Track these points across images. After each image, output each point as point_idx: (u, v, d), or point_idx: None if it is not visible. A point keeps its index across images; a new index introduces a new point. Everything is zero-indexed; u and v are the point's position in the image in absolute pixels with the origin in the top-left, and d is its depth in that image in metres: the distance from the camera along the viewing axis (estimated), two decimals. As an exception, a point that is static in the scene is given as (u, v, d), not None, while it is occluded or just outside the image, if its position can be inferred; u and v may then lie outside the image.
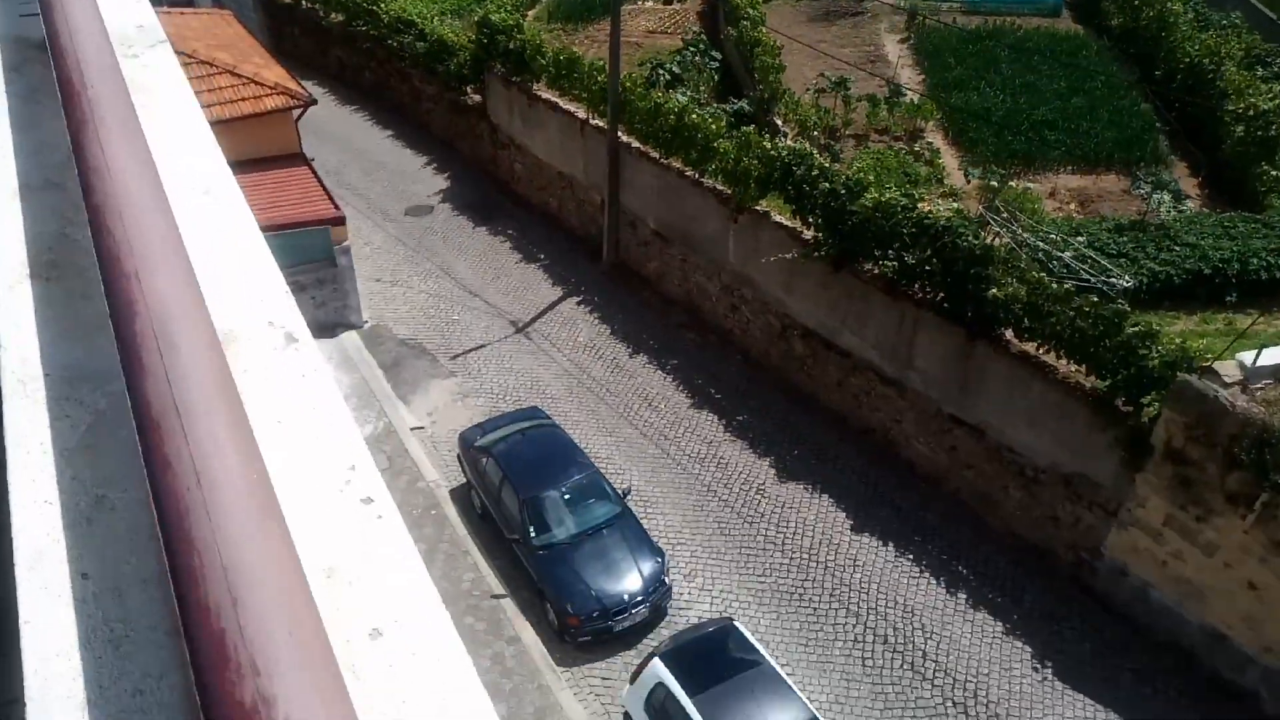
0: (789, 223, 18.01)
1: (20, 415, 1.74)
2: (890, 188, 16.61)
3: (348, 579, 1.47)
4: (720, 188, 18.89)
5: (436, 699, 1.33)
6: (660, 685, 12.51)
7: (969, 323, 15.37)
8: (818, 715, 12.28)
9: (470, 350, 20.34)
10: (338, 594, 1.46)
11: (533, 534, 15.01)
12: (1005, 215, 17.48)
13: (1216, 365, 12.98)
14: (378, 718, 1.29)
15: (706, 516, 16.60)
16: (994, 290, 14.82)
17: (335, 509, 1.57)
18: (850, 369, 17.87)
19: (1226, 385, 12.69)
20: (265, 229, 2.15)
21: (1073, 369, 14.46)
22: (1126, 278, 16.00)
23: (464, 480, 17.00)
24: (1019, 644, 14.41)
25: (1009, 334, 15.11)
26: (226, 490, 1.06)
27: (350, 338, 20.53)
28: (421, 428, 18.34)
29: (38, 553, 1.50)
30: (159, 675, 1.35)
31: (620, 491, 15.85)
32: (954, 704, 13.67)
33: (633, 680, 13.12)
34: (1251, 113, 19.50)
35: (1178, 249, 17.02)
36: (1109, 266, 16.23)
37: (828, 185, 16.80)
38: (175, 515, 1.03)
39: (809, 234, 17.57)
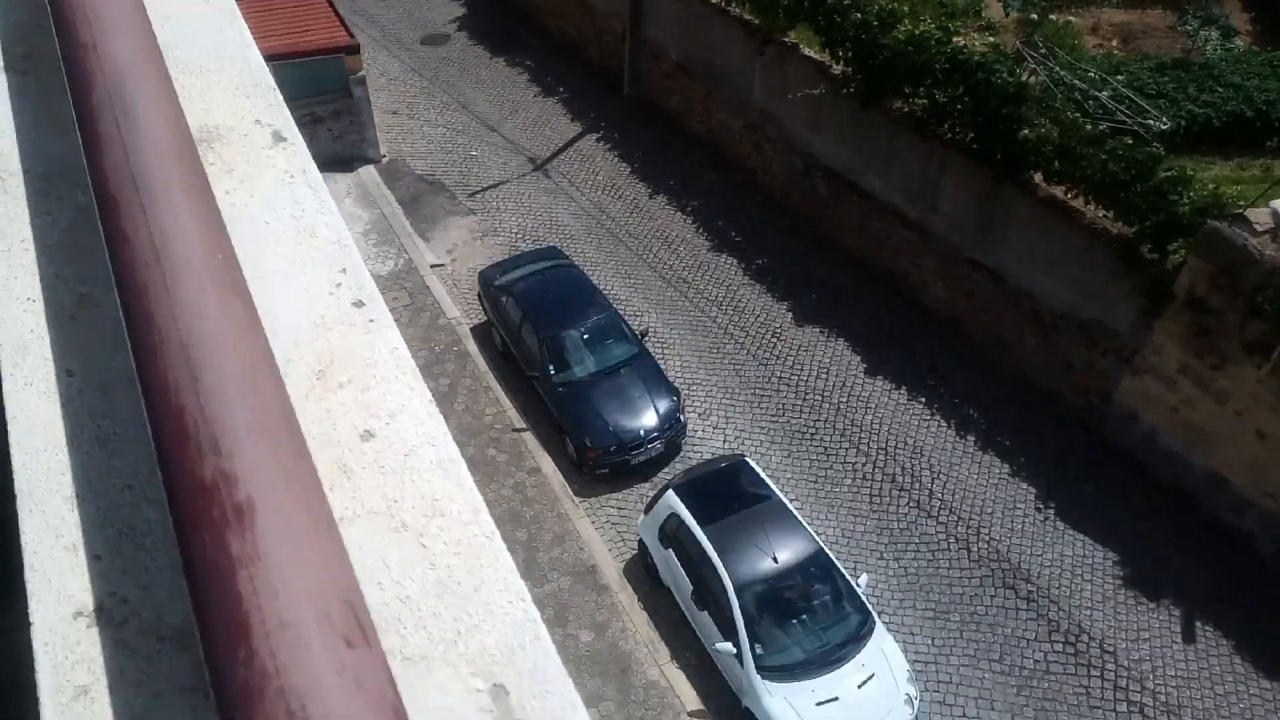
0: (818, 56, 17.33)
1: (0, 212, 1.67)
2: (925, 20, 15.80)
3: (339, 380, 1.43)
4: (747, 17, 18.07)
5: (428, 498, 1.31)
6: (673, 515, 12.80)
7: (997, 165, 14.94)
8: (824, 547, 12.58)
9: (488, 188, 20.06)
10: (329, 395, 1.42)
11: (552, 371, 15.18)
12: (1043, 51, 16.68)
13: (1248, 213, 12.60)
14: (368, 513, 1.27)
15: (722, 359, 16.67)
16: (1025, 131, 14.32)
17: (325, 311, 1.52)
18: (873, 212, 17.57)
19: (1257, 233, 12.35)
20: (277, 57, 2.04)
21: (1100, 214, 14.11)
22: (1164, 120, 15.37)
23: (485, 318, 17.15)
24: (1024, 485, 14.65)
25: (1038, 177, 14.69)
26: (187, 267, 0.99)
27: (368, 172, 20.25)
28: (441, 265, 18.33)
29: (21, 349, 1.46)
30: (148, 473, 1.33)
31: (638, 332, 15.94)
32: (956, 540, 13.97)
33: (647, 511, 13.43)
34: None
35: (1220, 90, 16.26)
36: (1147, 108, 15.58)
37: (859, 16, 16.02)
38: (133, 291, 0.96)
39: (838, 69, 16.94)
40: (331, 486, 1.29)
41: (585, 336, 15.52)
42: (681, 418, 15.07)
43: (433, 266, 18.20)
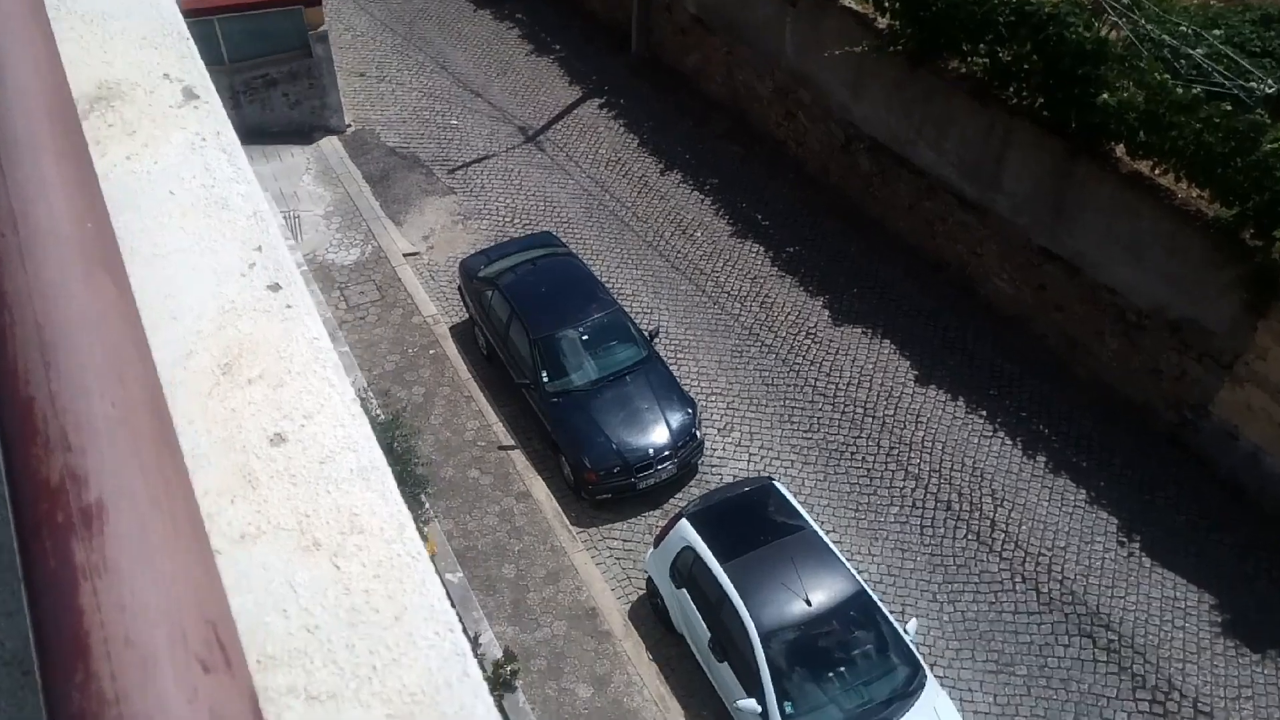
0: (859, 7, 17.37)
1: None
2: (986, -36, 15.82)
3: (248, 375, 1.45)
4: (777, -38, 18.26)
5: (346, 512, 1.32)
6: (688, 549, 12.79)
7: (1072, 135, 14.92)
8: (866, 587, 12.54)
9: (472, 163, 20.15)
10: (235, 392, 1.43)
11: (546, 379, 15.22)
12: (1126, 2, 16.62)
13: (1371, 191, 12.52)
14: (274, 529, 1.28)
15: (746, 364, 16.67)
16: (1105, 95, 14.29)
17: (236, 295, 1.54)
18: (924, 190, 17.57)
19: (1381, 215, 12.27)
20: (224, 9, 2.06)
21: (1193, 193, 14.05)
22: (1269, 82, 15.28)
23: (466, 316, 17.17)
24: (1103, 514, 14.58)
25: (1120, 149, 14.65)
26: (49, 238, 1.00)
27: (331, 145, 20.41)
28: (416, 254, 18.40)
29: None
30: None
31: (647, 333, 15.99)
32: (1023, 579, 13.95)
33: (657, 543, 13.40)
34: None
35: (1338, 46, 16.16)
36: (1249, 68, 15.47)
37: (909, -40, 16.10)
38: (-16, 263, 0.97)
39: (883, 22, 16.98)
40: (233, 498, 1.30)
41: (585, 338, 15.56)
42: (698, 434, 15.04)
43: (406, 255, 18.24)
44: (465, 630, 12.00)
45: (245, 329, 1.49)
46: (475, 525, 14.59)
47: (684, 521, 13.10)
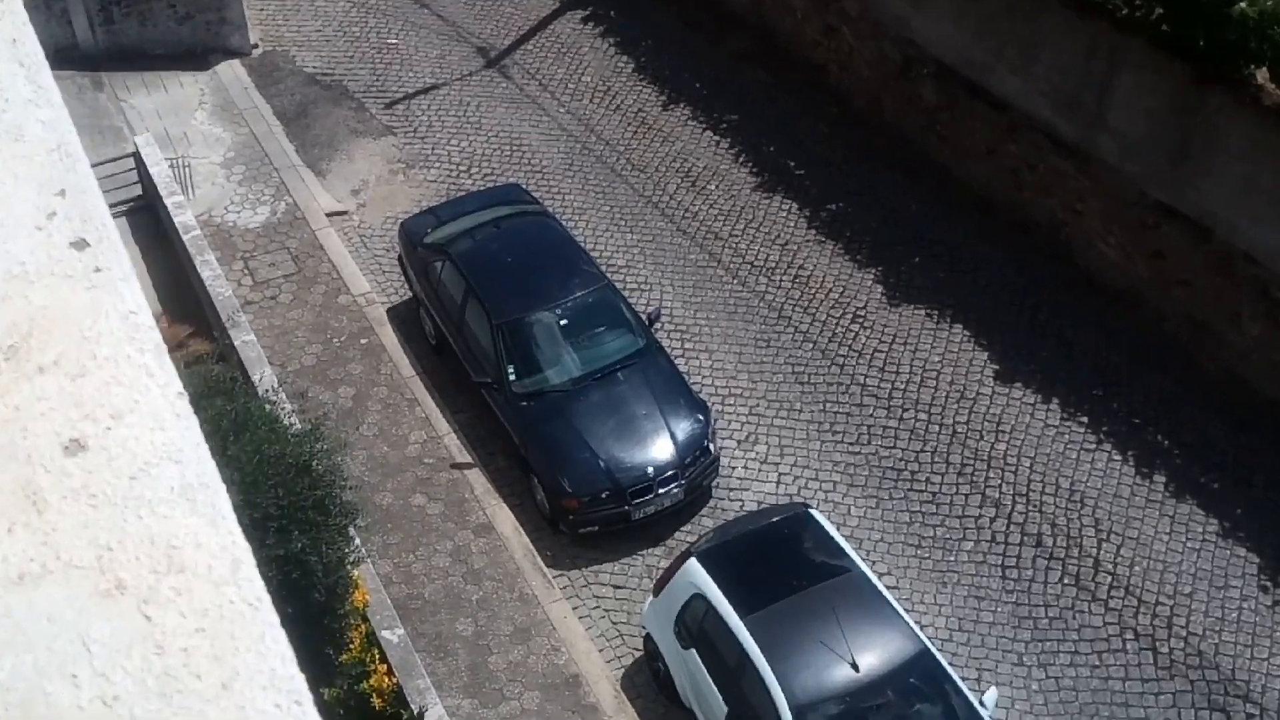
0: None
1: None
2: None
3: (39, 361, 1.42)
4: None
5: (162, 545, 1.29)
6: (698, 598, 12.72)
7: (1200, 57, 14.87)
8: (930, 646, 12.41)
9: (416, 94, 20.05)
10: (21, 384, 1.41)
11: (513, 376, 15.16)
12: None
13: None
14: (64, 568, 1.25)
15: (775, 356, 16.49)
16: (1242, 4, 14.22)
17: (28, 255, 1.51)
18: (1007, 129, 17.46)
19: None
20: None
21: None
22: None
23: (409, 294, 17.02)
24: (1240, 550, 14.38)
25: (1260, 75, 14.58)
26: None
27: (232, 71, 20.33)
28: (344, 213, 18.19)
29: None
30: None
31: (645, 316, 15.92)
32: (1136, 634, 13.81)
33: (658, 590, 13.33)
34: None
35: None
36: None
37: None
38: None
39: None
40: (10, 526, 1.27)
41: (564, 323, 15.51)
42: (711, 447, 14.96)
43: (330, 216, 18.07)
44: (408, 703, 11.84)
45: (38, 300, 1.47)
46: (421, 568, 14.56)
47: (693, 562, 13.02)
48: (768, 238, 17.97)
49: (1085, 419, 15.81)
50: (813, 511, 13.69)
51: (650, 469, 14.60)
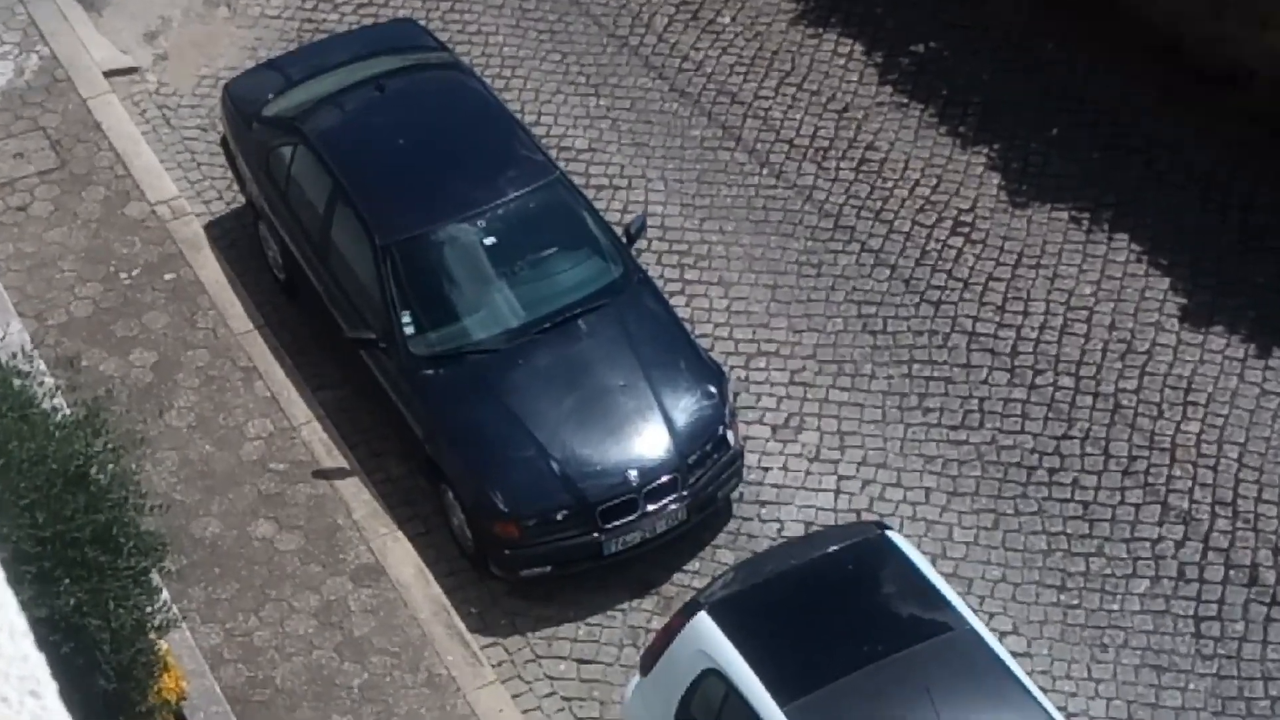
0: None
1: None
2: None
3: None
4: None
5: None
6: (712, 676, 11.03)
7: None
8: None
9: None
10: None
11: (410, 330, 13.14)
12: None
13: None
14: None
15: (830, 288, 14.35)
16: None
17: None
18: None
19: None
20: None
21: None
22: None
23: (240, 200, 14.96)
24: None
25: None
26: None
27: None
28: (133, 71, 16.12)
29: None
30: None
31: (621, 231, 13.83)
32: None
33: (647, 666, 11.47)
34: None
35: None
36: None
37: None
38: None
39: None
40: None
41: (490, 241, 13.41)
42: (730, 437, 12.70)
43: (112, 75, 15.93)
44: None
45: None
46: (270, 636, 12.53)
47: (705, 619, 11.32)
48: (815, 99, 15.62)
49: (1327, 387, 13.92)
50: (892, 535, 12.04)
51: (633, 474, 12.54)
